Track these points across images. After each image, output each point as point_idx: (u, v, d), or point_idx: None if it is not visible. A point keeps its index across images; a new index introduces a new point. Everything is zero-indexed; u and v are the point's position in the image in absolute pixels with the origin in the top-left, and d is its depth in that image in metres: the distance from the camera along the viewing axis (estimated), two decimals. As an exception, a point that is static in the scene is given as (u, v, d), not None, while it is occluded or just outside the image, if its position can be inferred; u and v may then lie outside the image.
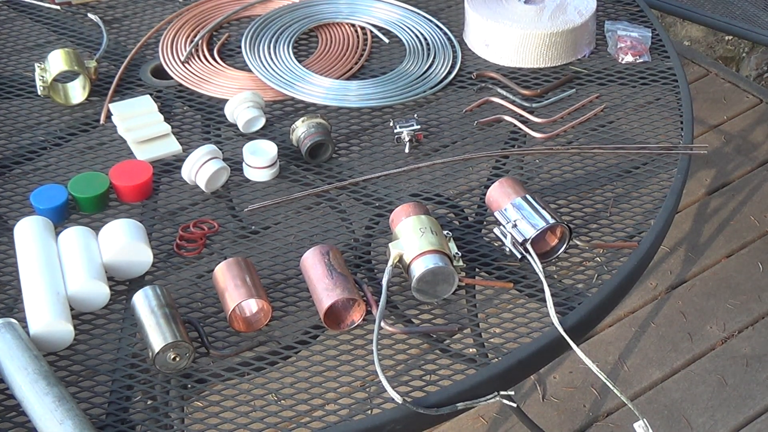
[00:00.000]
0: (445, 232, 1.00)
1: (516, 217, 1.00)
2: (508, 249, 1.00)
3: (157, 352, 0.87)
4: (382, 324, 0.92)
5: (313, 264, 0.96)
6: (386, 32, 1.37)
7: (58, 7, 1.40)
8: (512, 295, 0.99)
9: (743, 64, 2.83)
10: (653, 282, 2.14)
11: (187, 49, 1.30)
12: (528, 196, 1.02)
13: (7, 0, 1.42)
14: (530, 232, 0.98)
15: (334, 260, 0.96)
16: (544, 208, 1.00)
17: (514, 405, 0.90)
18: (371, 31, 1.36)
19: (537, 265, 0.97)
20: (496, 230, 1.02)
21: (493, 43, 1.29)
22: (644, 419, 0.87)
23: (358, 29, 1.36)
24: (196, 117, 1.21)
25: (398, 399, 0.85)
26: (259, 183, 1.12)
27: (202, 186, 1.08)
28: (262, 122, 1.18)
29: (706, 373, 1.96)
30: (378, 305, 0.93)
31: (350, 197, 1.10)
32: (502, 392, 0.89)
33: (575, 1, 1.32)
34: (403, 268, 0.96)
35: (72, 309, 0.94)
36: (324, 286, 0.93)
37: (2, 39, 1.34)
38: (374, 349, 0.88)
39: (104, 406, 0.87)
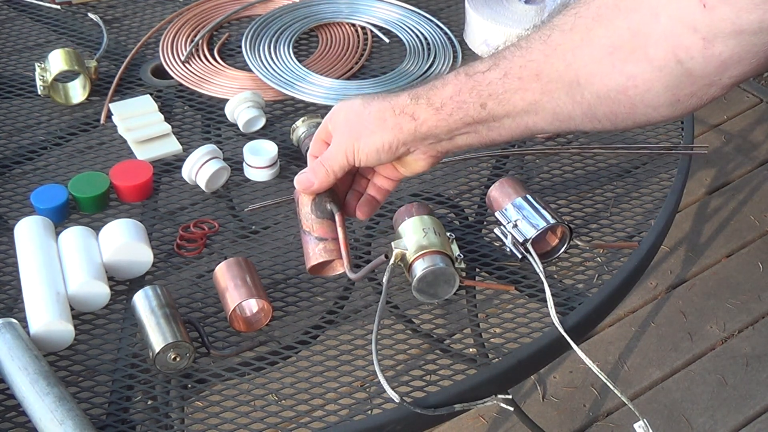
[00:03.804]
0: (448, 233, 0.99)
1: (516, 217, 1.00)
2: (508, 249, 1.00)
3: (158, 352, 0.87)
4: (351, 274, 0.89)
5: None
6: (386, 32, 1.36)
7: (58, 7, 1.40)
8: (512, 295, 0.99)
9: (743, 64, 2.82)
10: (653, 282, 2.14)
11: (188, 49, 1.30)
12: (528, 196, 1.02)
13: (7, 0, 1.42)
14: (531, 232, 0.98)
15: (301, 210, 0.93)
16: (544, 208, 1.00)
17: (512, 409, 0.89)
18: (371, 31, 1.36)
19: (537, 265, 0.97)
20: (496, 230, 1.02)
21: (493, 43, 1.29)
22: (644, 419, 0.87)
23: (359, 29, 1.36)
24: (197, 117, 1.21)
25: (396, 398, 0.85)
26: (260, 183, 1.12)
27: (203, 186, 1.08)
28: (262, 122, 1.18)
29: (706, 372, 1.96)
30: (345, 248, 0.90)
31: (350, 197, 1.10)
32: (500, 395, 0.89)
33: (575, 1, 1.31)
34: (404, 267, 0.96)
35: (72, 309, 0.94)
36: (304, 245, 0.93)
37: (2, 39, 1.34)
38: (373, 348, 0.87)
39: (104, 406, 0.87)
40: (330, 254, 0.90)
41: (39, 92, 1.22)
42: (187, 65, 1.28)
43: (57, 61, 1.20)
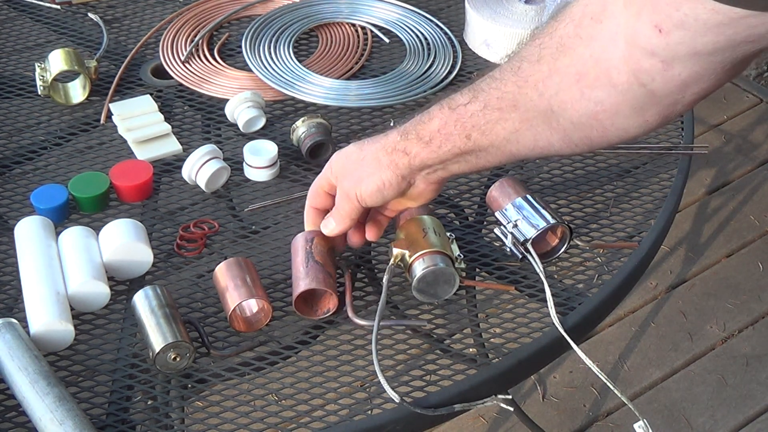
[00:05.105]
0: (448, 233, 1.00)
1: (516, 217, 1.00)
2: (508, 249, 1.00)
3: (158, 352, 0.87)
4: (354, 318, 0.93)
5: (295, 250, 0.98)
6: (386, 32, 1.36)
7: (58, 7, 1.40)
8: (513, 295, 0.99)
9: (743, 64, 2.82)
10: (653, 282, 2.14)
11: (188, 49, 1.30)
12: (528, 196, 1.02)
13: (7, 0, 1.42)
14: (531, 232, 0.98)
15: (315, 248, 0.96)
16: (544, 208, 1.00)
17: (512, 409, 0.90)
18: (371, 31, 1.36)
19: (537, 265, 0.97)
20: (496, 230, 1.02)
21: (493, 43, 1.29)
22: (644, 419, 0.87)
23: (359, 29, 1.36)
24: (197, 117, 1.21)
25: (396, 399, 0.85)
26: (260, 183, 1.12)
27: (203, 186, 1.08)
28: (262, 122, 1.18)
29: (706, 372, 1.96)
30: (349, 295, 0.95)
31: (350, 197, 1.10)
32: (500, 395, 0.89)
33: (575, 1, 1.31)
34: (404, 267, 0.96)
35: (72, 309, 0.94)
36: (297, 274, 0.95)
37: (2, 39, 1.34)
38: (373, 348, 0.87)
39: (104, 406, 0.87)
40: (333, 290, 0.94)
41: (39, 92, 1.22)
42: (187, 65, 1.28)
43: (57, 61, 1.20)
